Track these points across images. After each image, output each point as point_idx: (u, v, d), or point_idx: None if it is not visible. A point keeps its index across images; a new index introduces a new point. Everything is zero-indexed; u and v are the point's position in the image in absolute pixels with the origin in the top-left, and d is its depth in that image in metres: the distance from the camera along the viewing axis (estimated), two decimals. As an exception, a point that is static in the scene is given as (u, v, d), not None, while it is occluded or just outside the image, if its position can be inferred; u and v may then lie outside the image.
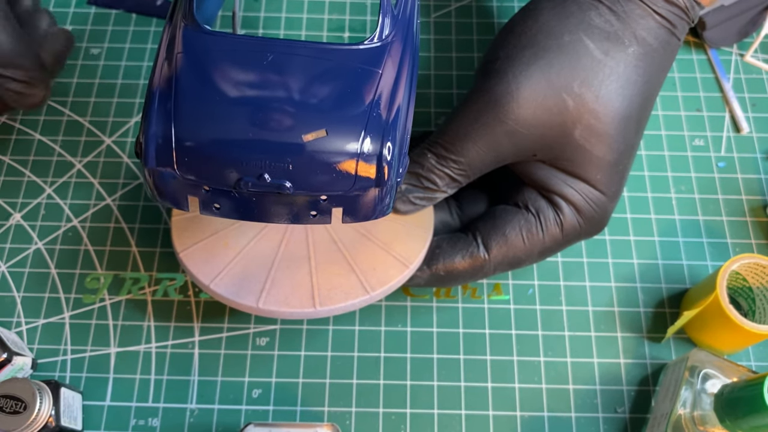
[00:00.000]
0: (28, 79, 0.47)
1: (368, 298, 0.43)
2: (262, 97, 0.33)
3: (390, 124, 0.35)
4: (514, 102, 0.41)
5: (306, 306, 0.42)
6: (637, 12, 0.42)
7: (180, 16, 0.36)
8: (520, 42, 0.43)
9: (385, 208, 0.37)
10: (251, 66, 0.34)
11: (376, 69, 0.35)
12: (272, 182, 0.33)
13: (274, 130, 0.33)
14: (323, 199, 0.35)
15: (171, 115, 0.33)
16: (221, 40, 0.35)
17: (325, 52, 0.35)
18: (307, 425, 0.41)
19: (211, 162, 0.33)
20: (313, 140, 0.33)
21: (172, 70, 0.34)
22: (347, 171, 0.34)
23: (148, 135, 0.34)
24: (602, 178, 0.43)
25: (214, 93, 0.34)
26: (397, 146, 0.35)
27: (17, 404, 0.40)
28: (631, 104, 0.42)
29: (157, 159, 0.34)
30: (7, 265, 0.51)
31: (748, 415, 0.36)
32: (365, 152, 0.34)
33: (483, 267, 0.45)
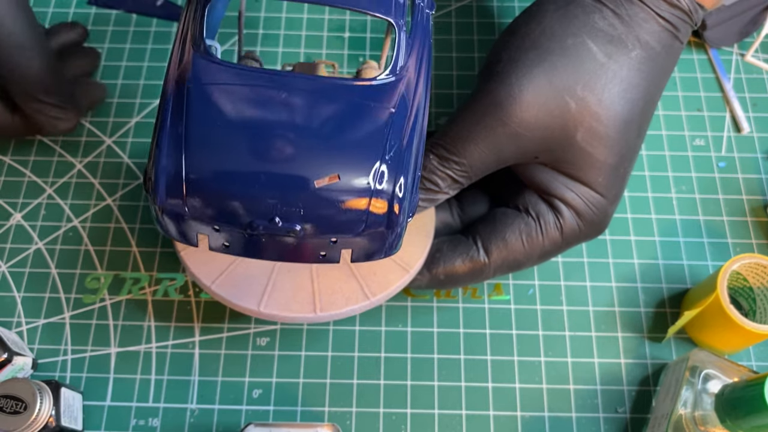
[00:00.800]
0: (62, 104, 0.49)
1: (368, 303, 0.43)
2: (275, 139, 0.33)
3: (402, 165, 0.34)
4: (516, 104, 0.41)
5: (307, 311, 0.43)
6: (641, 15, 0.42)
7: (190, 41, 0.35)
8: (523, 44, 0.43)
9: (392, 248, 0.36)
10: (263, 105, 0.33)
11: (388, 107, 0.34)
12: (283, 226, 0.33)
13: (286, 174, 0.33)
14: (333, 240, 0.35)
15: (182, 153, 0.33)
16: (233, 73, 0.34)
17: (338, 88, 0.34)
18: (308, 425, 0.41)
19: (222, 204, 0.33)
20: (325, 186, 0.33)
21: (183, 102, 0.34)
22: (358, 215, 0.33)
23: (158, 170, 0.33)
24: (603, 181, 0.43)
25: (226, 133, 0.33)
26: (409, 186, 0.35)
27: (17, 404, 0.40)
28: (633, 108, 0.42)
29: (168, 197, 0.33)
30: (7, 265, 0.51)
31: (748, 415, 0.36)
32: (376, 197, 0.33)
33: (483, 271, 0.45)
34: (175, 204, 0.33)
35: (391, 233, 0.35)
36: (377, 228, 0.34)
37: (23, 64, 0.47)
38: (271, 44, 0.59)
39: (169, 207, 0.33)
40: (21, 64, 0.47)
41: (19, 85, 0.47)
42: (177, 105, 0.34)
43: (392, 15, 0.35)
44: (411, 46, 0.37)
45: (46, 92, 0.48)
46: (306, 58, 0.58)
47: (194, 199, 0.33)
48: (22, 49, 0.46)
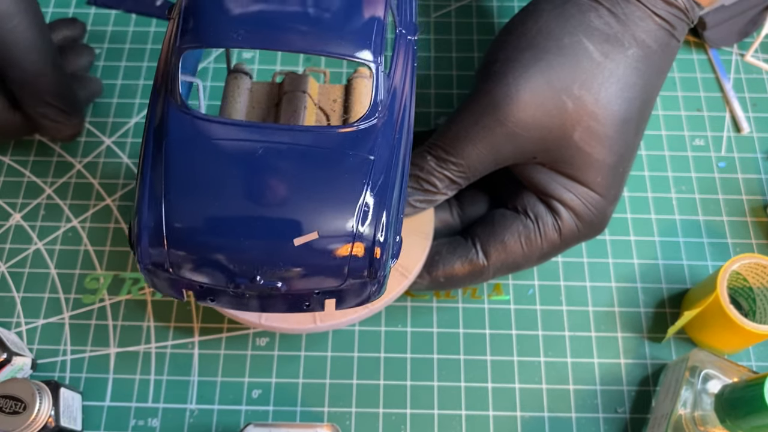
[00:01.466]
0: (67, 109, 0.50)
1: (368, 312, 0.43)
2: (254, 196, 0.32)
3: (383, 212, 0.33)
4: (513, 104, 0.41)
5: (307, 322, 0.43)
6: (637, 14, 0.42)
7: (167, 92, 0.35)
8: (520, 44, 0.43)
9: (377, 292, 0.36)
10: (242, 161, 0.33)
11: (367, 155, 0.34)
12: (265, 284, 0.33)
13: (265, 233, 0.32)
14: (316, 292, 0.34)
15: (162, 212, 0.33)
16: (211, 127, 0.34)
17: (316, 138, 0.33)
18: (307, 425, 0.41)
19: (204, 264, 0.33)
20: (305, 242, 0.32)
21: (162, 159, 0.33)
22: (339, 269, 0.33)
23: (141, 228, 0.33)
24: (602, 181, 0.43)
25: (204, 192, 0.33)
26: (391, 235, 0.34)
27: (17, 404, 0.40)
28: (630, 107, 0.42)
29: (151, 259, 0.33)
30: (6, 266, 0.50)
31: (748, 415, 0.36)
32: (356, 249, 0.33)
33: (482, 273, 0.45)
34: (158, 260, 0.33)
35: (374, 281, 0.34)
36: (360, 277, 0.34)
37: (34, 66, 0.47)
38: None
39: (153, 263, 0.33)
40: (31, 67, 0.47)
41: (28, 87, 0.48)
42: (156, 162, 0.34)
43: (370, 58, 0.34)
44: (392, 80, 0.36)
45: (53, 96, 0.49)
46: (306, 58, 0.58)
47: (176, 257, 0.33)
48: (32, 51, 0.47)
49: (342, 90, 0.42)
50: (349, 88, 0.42)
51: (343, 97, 0.42)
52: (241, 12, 0.34)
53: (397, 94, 0.36)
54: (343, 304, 0.36)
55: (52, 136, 0.51)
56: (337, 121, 0.41)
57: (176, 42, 0.35)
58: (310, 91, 0.41)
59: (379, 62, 0.34)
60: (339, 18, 0.34)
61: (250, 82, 0.42)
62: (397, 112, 0.35)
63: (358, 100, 0.41)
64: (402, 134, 0.35)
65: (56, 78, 0.49)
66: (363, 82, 0.42)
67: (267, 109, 0.41)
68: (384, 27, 0.35)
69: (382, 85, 0.34)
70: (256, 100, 0.42)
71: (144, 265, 0.34)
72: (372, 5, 0.35)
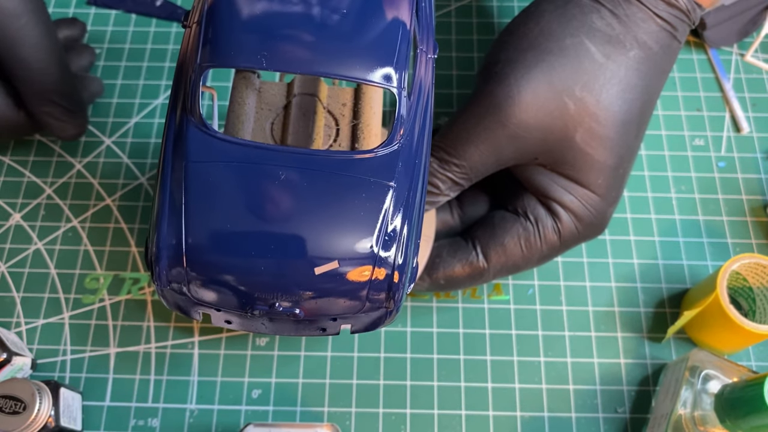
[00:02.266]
0: (73, 108, 0.50)
1: None
2: (274, 222, 0.32)
3: (403, 239, 0.33)
4: (515, 105, 0.41)
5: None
6: (639, 15, 0.42)
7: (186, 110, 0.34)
8: (521, 45, 0.43)
9: (393, 317, 0.36)
10: (262, 186, 0.33)
11: (388, 182, 0.33)
12: (284, 310, 0.33)
13: (286, 261, 0.32)
14: (333, 318, 0.34)
15: (182, 238, 0.32)
16: (231, 149, 0.33)
17: (337, 164, 0.33)
18: (307, 425, 0.41)
19: (223, 290, 0.33)
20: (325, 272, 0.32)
21: (181, 179, 0.33)
22: (357, 297, 0.33)
23: (160, 252, 0.32)
24: (602, 183, 0.43)
25: (225, 216, 0.32)
26: (409, 259, 0.34)
27: (17, 404, 0.40)
28: (631, 108, 0.42)
29: (169, 282, 0.33)
30: (6, 266, 0.50)
31: (748, 415, 0.36)
32: (376, 278, 0.33)
33: (482, 275, 0.45)
34: (176, 287, 0.33)
35: (391, 308, 0.34)
36: (377, 303, 0.34)
37: (41, 65, 0.47)
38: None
39: (171, 289, 0.33)
40: (38, 65, 0.47)
41: (35, 86, 0.48)
42: (175, 183, 0.33)
43: (394, 82, 0.33)
44: (413, 103, 0.35)
45: (59, 95, 0.49)
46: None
47: (195, 284, 0.33)
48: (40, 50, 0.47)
49: (352, 93, 0.42)
50: (358, 92, 0.41)
51: (353, 101, 0.42)
52: (262, 29, 0.33)
53: (418, 115, 0.35)
54: (358, 328, 0.36)
55: (57, 135, 0.51)
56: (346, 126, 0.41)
57: (196, 58, 0.34)
58: (319, 94, 0.41)
59: (401, 87, 0.34)
60: (363, 40, 0.34)
61: (258, 82, 0.42)
62: (418, 135, 0.35)
63: (368, 105, 0.41)
64: (421, 158, 0.35)
65: (62, 77, 0.49)
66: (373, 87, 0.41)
67: (276, 111, 0.41)
68: (408, 50, 0.34)
69: (404, 109, 0.34)
70: (265, 101, 0.41)
71: (162, 286, 0.33)
72: (396, 28, 0.34)
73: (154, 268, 0.33)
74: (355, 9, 0.34)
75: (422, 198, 0.35)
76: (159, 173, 0.34)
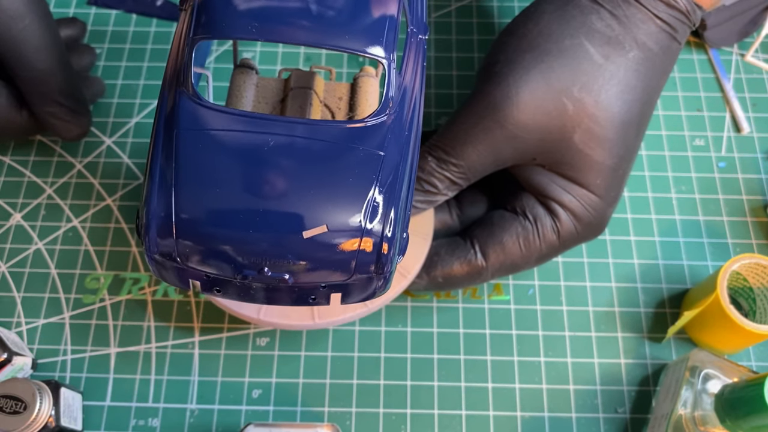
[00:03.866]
0: (76, 108, 0.50)
1: (366, 310, 0.43)
2: (263, 188, 0.33)
3: (391, 208, 0.33)
4: (514, 106, 0.41)
5: (305, 319, 0.43)
6: (638, 16, 0.42)
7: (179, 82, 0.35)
8: (521, 45, 0.43)
9: (382, 288, 0.36)
10: (252, 152, 0.33)
11: (378, 150, 0.34)
12: (273, 275, 0.33)
13: (274, 225, 0.32)
14: (322, 286, 0.35)
15: (171, 202, 0.33)
16: (222, 117, 0.34)
17: (327, 132, 0.33)
18: (308, 425, 0.41)
19: (212, 254, 0.33)
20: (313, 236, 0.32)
21: (172, 149, 0.33)
22: (347, 263, 0.33)
23: (150, 217, 0.33)
24: (601, 183, 0.43)
25: (214, 183, 0.33)
26: (398, 229, 0.34)
27: (17, 404, 0.40)
28: (631, 109, 0.42)
29: (159, 247, 0.33)
30: (7, 265, 0.50)
31: (748, 415, 0.36)
32: (365, 244, 0.33)
33: (481, 274, 0.45)
34: (166, 249, 0.33)
35: (380, 277, 0.34)
36: (367, 272, 0.34)
37: (44, 65, 0.47)
38: (271, 45, 0.59)
39: (160, 253, 0.33)
40: (42, 66, 0.47)
41: (39, 86, 0.48)
42: (166, 152, 0.34)
43: (382, 54, 0.34)
44: (402, 77, 0.36)
45: (63, 95, 0.49)
46: (306, 58, 0.58)
47: (184, 247, 0.33)
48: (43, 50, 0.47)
49: (348, 88, 0.42)
50: (354, 87, 0.42)
51: (348, 95, 0.42)
52: (254, 5, 0.34)
53: (407, 92, 0.36)
54: (349, 298, 0.36)
55: (61, 135, 0.51)
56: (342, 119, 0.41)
57: (189, 33, 0.35)
58: (316, 88, 0.41)
59: (391, 59, 0.34)
60: (352, 14, 0.34)
61: (256, 78, 0.42)
62: (407, 110, 0.35)
63: (363, 98, 0.41)
64: (411, 132, 0.35)
65: (66, 77, 0.49)
66: (369, 81, 0.42)
67: (273, 105, 0.42)
68: (397, 25, 0.35)
69: (394, 81, 0.35)
70: (262, 96, 0.42)
71: (152, 254, 0.34)
72: (385, 3, 0.35)
73: (144, 236, 0.33)
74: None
75: (412, 172, 0.36)
76: (150, 145, 0.34)
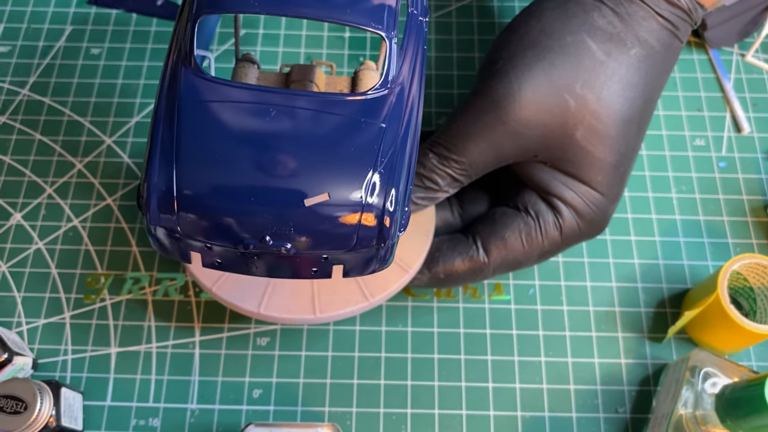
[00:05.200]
0: None
1: (368, 304, 0.43)
2: (265, 157, 0.33)
3: (393, 179, 0.34)
4: (515, 102, 0.41)
5: (306, 312, 0.43)
6: (640, 14, 0.42)
7: (181, 57, 0.35)
8: (523, 42, 0.43)
9: (384, 261, 0.36)
10: (253, 123, 0.33)
11: (379, 122, 0.34)
12: (274, 244, 0.33)
13: (276, 193, 0.33)
14: (324, 257, 0.35)
15: (173, 173, 0.33)
16: (224, 89, 0.34)
17: (328, 104, 0.34)
18: (308, 425, 0.41)
19: (213, 223, 0.33)
20: (315, 204, 0.33)
21: (174, 121, 0.34)
22: (348, 232, 0.33)
23: (150, 190, 0.33)
24: (603, 180, 0.43)
25: (216, 152, 0.33)
26: (400, 200, 0.34)
27: (18, 404, 0.40)
28: (632, 106, 0.42)
29: (160, 216, 0.33)
30: (7, 265, 0.50)
31: (749, 415, 0.36)
32: (367, 213, 0.33)
33: (482, 270, 0.45)
34: (167, 222, 0.33)
35: (383, 248, 0.35)
36: (368, 244, 0.34)
37: None
38: (272, 44, 0.59)
39: (162, 225, 0.34)
40: None
41: None
42: (168, 124, 0.34)
43: (383, 28, 0.34)
44: (403, 56, 0.36)
45: None
46: (306, 58, 0.58)
47: (185, 218, 0.33)
48: None
49: (348, 81, 0.42)
50: (355, 80, 0.42)
51: (349, 89, 0.42)
52: None
53: (408, 71, 0.36)
54: (351, 272, 0.36)
55: None
56: None
57: (192, 10, 0.35)
58: (317, 80, 0.41)
59: (392, 35, 0.35)
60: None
61: (257, 71, 0.42)
62: (408, 88, 0.36)
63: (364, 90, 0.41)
64: (413, 110, 0.36)
65: None
66: (369, 74, 0.42)
67: None
68: (397, 2, 0.35)
69: (395, 57, 0.35)
70: None
71: (153, 227, 0.34)
72: None
73: (146, 210, 0.33)
74: None
75: (414, 148, 0.36)
76: (152, 121, 0.35)
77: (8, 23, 0.59)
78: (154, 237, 0.35)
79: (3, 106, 0.56)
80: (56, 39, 0.59)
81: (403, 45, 0.37)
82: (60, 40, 0.59)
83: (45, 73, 0.57)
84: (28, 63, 0.58)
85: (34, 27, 0.59)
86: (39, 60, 0.58)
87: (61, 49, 0.58)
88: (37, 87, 0.57)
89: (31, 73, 0.57)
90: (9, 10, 0.60)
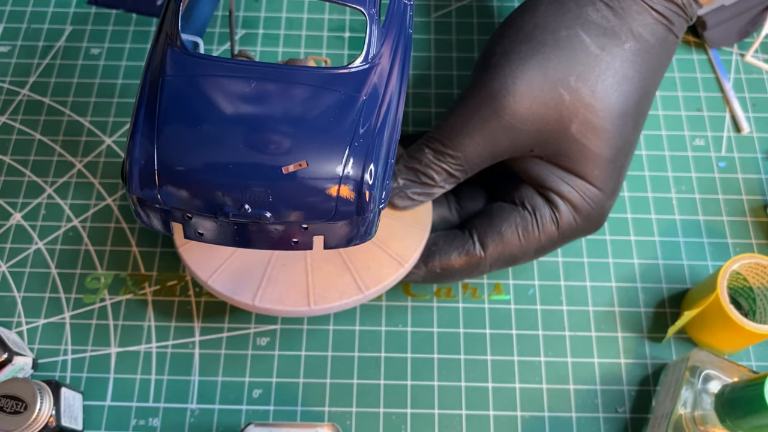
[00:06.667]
0: None
1: (362, 297, 0.43)
2: (243, 127, 0.33)
3: (372, 152, 0.34)
4: (510, 96, 0.41)
5: (301, 305, 0.43)
6: (634, 8, 0.42)
7: (166, 36, 0.36)
8: (517, 37, 0.43)
9: (366, 234, 0.36)
10: (233, 94, 0.34)
11: (359, 95, 0.35)
12: (253, 212, 0.33)
13: (254, 162, 0.33)
14: (304, 227, 0.35)
15: (154, 144, 0.34)
16: (204, 64, 0.35)
17: (309, 77, 0.34)
18: (308, 425, 0.41)
19: (193, 192, 0.34)
20: (293, 171, 0.33)
21: (157, 94, 0.34)
22: (327, 201, 0.34)
23: (132, 161, 0.34)
24: (599, 174, 0.43)
25: (196, 123, 0.33)
26: (380, 173, 0.35)
27: (18, 404, 0.40)
28: (627, 100, 0.42)
29: (141, 186, 0.34)
30: (7, 265, 0.50)
31: (748, 415, 0.36)
32: (345, 183, 0.34)
33: (479, 264, 0.45)
34: (148, 193, 0.34)
35: (363, 220, 0.35)
36: (347, 214, 0.34)
37: None
38: (271, 44, 0.59)
39: (143, 196, 0.34)
40: None
41: None
42: (151, 98, 0.34)
43: (363, 4, 0.35)
44: (385, 34, 0.37)
45: None
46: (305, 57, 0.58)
47: (166, 188, 0.34)
48: None
49: None
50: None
51: None
52: None
53: (390, 50, 0.37)
54: (331, 242, 0.36)
55: None
56: None
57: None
58: None
59: (372, 13, 0.35)
60: None
61: None
62: (389, 66, 0.36)
63: None
64: (395, 87, 0.36)
65: None
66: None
67: None
68: None
69: (375, 32, 0.36)
70: None
71: (134, 193, 0.34)
72: None
73: (128, 182, 0.34)
74: None
75: (396, 122, 0.36)
76: (137, 97, 0.35)
77: (8, 23, 0.59)
78: (136, 208, 0.35)
79: (3, 106, 0.56)
80: (56, 39, 0.59)
81: (385, 24, 0.37)
82: (60, 40, 0.59)
83: (45, 73, 0.57)
84: (28, 63, 0.58)
85: (34, 27, 0.59)
86: (39, 60, 0.58)
87: (61, 49, 0.58)
88: (37, 87, 0.57)
89: (31, 73, 0.57)
90: (9, 10, 0.60)
